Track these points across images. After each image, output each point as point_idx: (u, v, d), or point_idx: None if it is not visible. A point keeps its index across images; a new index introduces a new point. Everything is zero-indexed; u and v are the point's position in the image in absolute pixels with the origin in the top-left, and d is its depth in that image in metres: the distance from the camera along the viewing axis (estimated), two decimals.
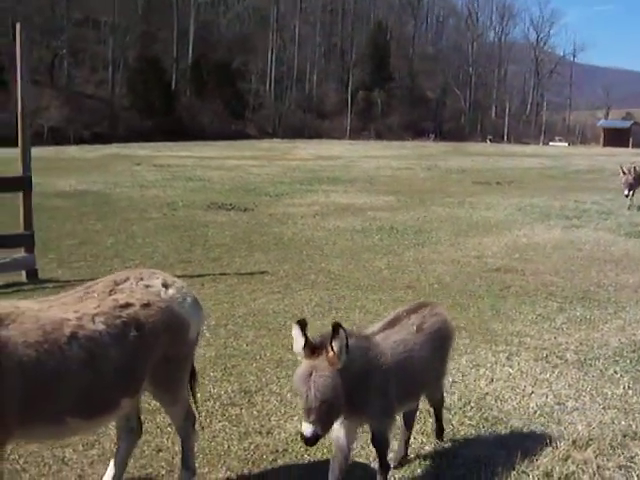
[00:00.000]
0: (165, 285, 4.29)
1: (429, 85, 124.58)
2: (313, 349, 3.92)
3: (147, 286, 4.23)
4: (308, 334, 3.95)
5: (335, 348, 3.85)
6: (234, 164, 34.22)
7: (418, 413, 5.83)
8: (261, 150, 49.63)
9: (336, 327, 3.86)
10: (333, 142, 71.23)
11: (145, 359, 4.05)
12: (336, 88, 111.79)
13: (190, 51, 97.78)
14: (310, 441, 3.87)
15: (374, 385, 4.22)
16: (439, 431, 5.46)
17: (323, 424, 3.85)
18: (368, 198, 21.23)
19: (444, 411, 5.88)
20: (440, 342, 4.89)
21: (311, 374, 3.84)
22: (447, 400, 6.11)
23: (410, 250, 13.25)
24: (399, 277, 10.99)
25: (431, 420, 5.71)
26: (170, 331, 4.16)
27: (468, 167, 35.73)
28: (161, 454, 5.09)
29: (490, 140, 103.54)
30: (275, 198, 21.01)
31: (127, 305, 4.04)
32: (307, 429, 3.82)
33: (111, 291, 4.13)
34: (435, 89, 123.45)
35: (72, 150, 47.30)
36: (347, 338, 3.86)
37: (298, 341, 3.95)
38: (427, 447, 5.28)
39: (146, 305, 4.09)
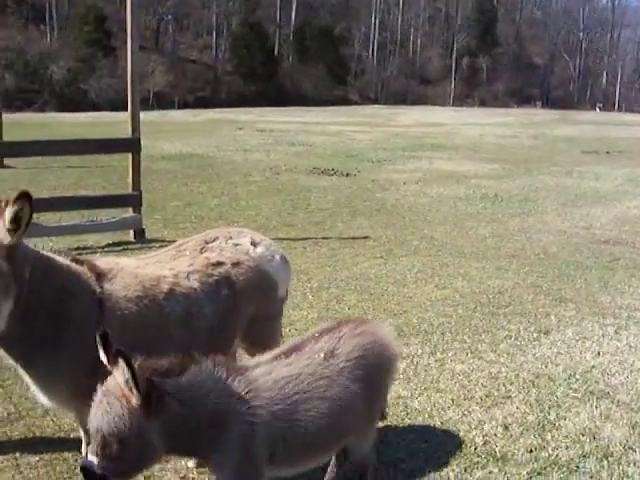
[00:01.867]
0: (254, 243, 4.32)
1: (537, 51, 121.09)
2: None
3: (236, 245, 4.27)
4: (112, 348, 3.00)
5: (120, 382, 2.90)
6: (336, 130, 34.18)
7: (520, 382, 5.78)
8: (363, 116, 49.43)
9: (115, 356, 2.89)
10: (436, 109, 70.32)
11: (236, 317, 4.11)
12: (440, 54, 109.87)
13: (293, 16, 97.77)
14: (90, 473, 2.95)
15: (232, 438, 3.14)
16: None
17: (109, 464, 2.93)
18: (472, 166, 20.89)
19: (548, 382, 5.77)
20: (365, 374, 3.52)
21: (106, 395, 2.96)
22: (551, 371, 6.02)
23: (515, 219, 13.00)
24: (503, 246, 10.81)
25: (535, 390, 5.62)
26: (260, 289, 4.20)
27: (576, 136, 34.70)
28: None
29: (600, 108, 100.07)
30: (377, 164, 20.91)
31: (218, 264, 4.09)
32: (86, 459, 2.99)
33: (202, 249, 4.20)
34: (543, 55, 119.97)
35: (176, 114, 48.25)
36: (133, 371, 2.84)
37: (101, 356, 3.03)
38: (530, 417, 5.18)
39: (236, 264, 4.13)
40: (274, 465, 3.31)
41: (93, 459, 2.93)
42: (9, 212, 3.30)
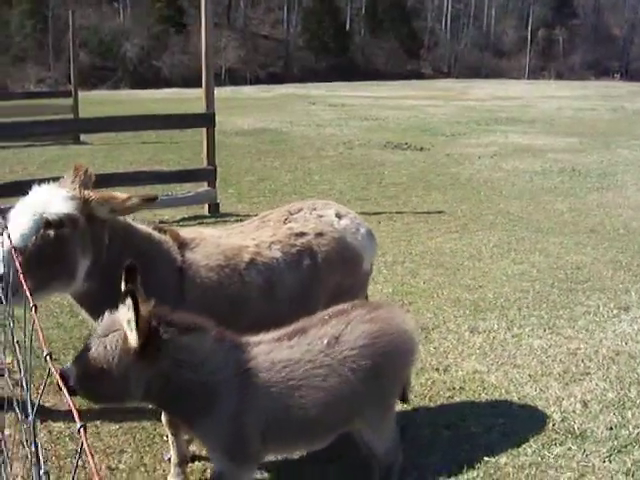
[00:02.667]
0: (338, 215, 4.32)
1: (616, 21, 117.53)
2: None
3: (320, 216, 4.27)
4: (136, 282, 3.00)
5: (122, 319, 2.89)
6: (409, 104, 33.89)
7: (599, 358, 5.66)
8: (436, 90, 48.86)
9: (125, 294, 2.85)
10: (511, 82, 69.09)
11: (319, 288, 4.10)
12: (515, 25, 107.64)
13: None
14: (63, 380, 2.77)
15: (220, 410, 3.09)
16: None
17: (85, 382, 2.92)
18: (548, 139, 20.47)
19: (629, 359, 5.64)
20: (373, 363, 3.31)
21: (110, 323, 2.97)
22: (632, 348, 5.88)
23: (593, 193, 12.71)
24: (581, 221, 10.58)
25: (615, 367, 5.51)
26: (343, 261, 4.19)
27: None
28: None
29: None
30: (451, 138, 20.67)
31: (301, 234, 4.10)
32: (68, 368, 2.96)
33: (285, 220, 4.21)
34: (622, 25, 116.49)
35: (249, 90, 48.49)
36: (137, 315, 2.83)
37: (122, 287, 2.98)
38: (609, 394, 5.08)
39: (319, 234, 4.13)
40: (266, 445, 3.26)
41: (73, 370, 2.93)
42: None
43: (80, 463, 4.20)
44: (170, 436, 4.06)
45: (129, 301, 2.82)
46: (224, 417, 3.10)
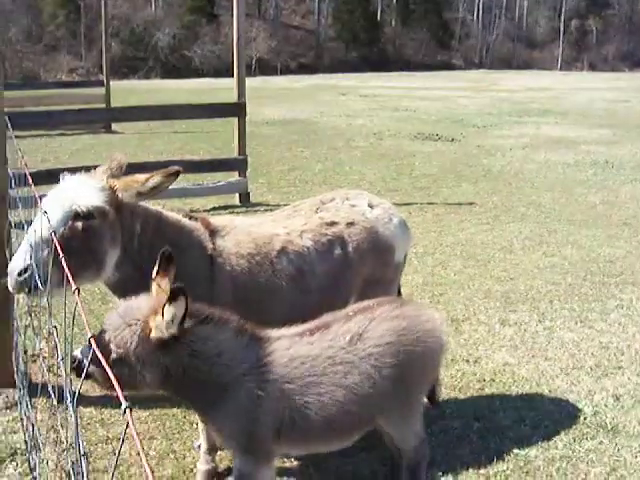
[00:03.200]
0: (371, 205, 4.29)
1: None
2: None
3: (352, 205, 4.25)
4: (170, 268, 3.01)
5: (166, 315, 2.83)
6: (440, 95, 33.74)
7: (632, 352, 5.61)
8: (468, 81, 48.57)
9: (176, 292, 2.78)
10: (543, 73, 68.54)
11: (349, 278, 4.07)
12: (548, 16, 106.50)
13: None
14: (75, 364, 2.88)
15: (233, 405, 3.05)
16: None
17: (99, 367, 2.73)
18: (581, 131, 20.26)
19: None
20: (397, 362, 3.25)
21: (133, 311, 2.95)
22: None
23: (627, 186, 12.56)
24: (615, 213, 10.46)
25: None
26: (374, 251, 4.15)
27: None
28: None
29: None
30: (483, 129, 20.54)
31: (332, 223, 4.08)
32: (83, 352, 2.90)
33: (317, 209, 4.20)
34: None
35: (279, 80, 48.50)
36: (185, 313, 2.82)
37: (154, 273, 3.00)
38: None
39: (350, 224, 4.11)
40: (281, 442, 3.19)
41: (87, 356, 2.84)
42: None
43: (110, 449, 4.24)
44: (200, 424, 4.07)
45: (182, 299, 2.78)
46: (237, 412, 3.06)
